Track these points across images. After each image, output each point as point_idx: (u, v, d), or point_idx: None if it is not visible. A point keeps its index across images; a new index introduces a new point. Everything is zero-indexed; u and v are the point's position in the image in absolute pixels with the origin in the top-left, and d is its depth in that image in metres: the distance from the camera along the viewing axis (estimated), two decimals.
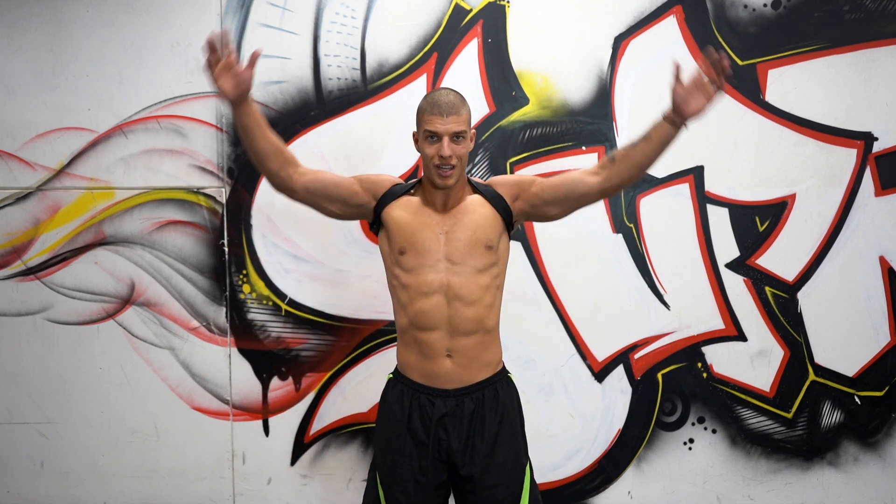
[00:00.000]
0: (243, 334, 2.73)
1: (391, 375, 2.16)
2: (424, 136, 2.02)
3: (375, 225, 2.14)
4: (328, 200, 2.11)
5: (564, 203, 2.11)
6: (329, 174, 2.16)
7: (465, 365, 2.05)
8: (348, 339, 2.73)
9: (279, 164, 2.06)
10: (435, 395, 2.05)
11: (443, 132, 1.97)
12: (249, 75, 1.97)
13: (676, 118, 1.99)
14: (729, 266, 2.71)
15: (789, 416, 2.74)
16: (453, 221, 2.07)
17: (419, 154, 2.06)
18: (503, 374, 2.13)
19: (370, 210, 2.12)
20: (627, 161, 2.04)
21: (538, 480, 2.27)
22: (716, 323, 2.72)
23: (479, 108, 2.64)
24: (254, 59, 1.98)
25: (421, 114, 2.03)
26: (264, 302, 2.72)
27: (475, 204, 2.09)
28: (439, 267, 2.04)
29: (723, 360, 2.73)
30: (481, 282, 2.05)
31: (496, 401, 2.07)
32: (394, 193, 2.11)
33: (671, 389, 2.74)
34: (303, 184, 2.09)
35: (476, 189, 2.12)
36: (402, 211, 2.08)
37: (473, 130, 2.10)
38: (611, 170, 2.06)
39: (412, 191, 2.12)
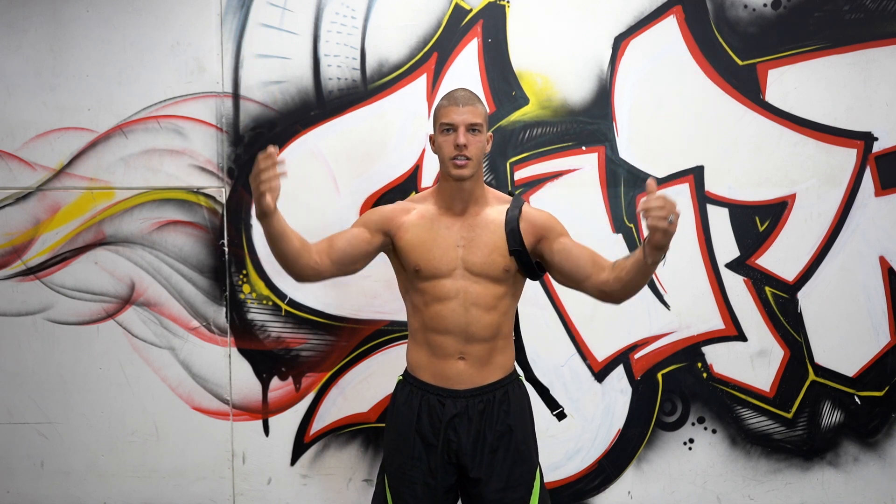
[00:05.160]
0: (243, 334, 2.73)
1: (401, 377, 2.15)
2: (440, 129, 1.99)
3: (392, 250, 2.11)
4: (353, 262, 2.07)
5: (565, 276, 2.05)
6: (339, 237, 2.08)
7: (477, 367, 2.04)
8: (348, 339, 2.72)
9: (308, 255, 1.98)
10: (445, 395, 2.03)
11: (459, 122, 1.96)
12: (279, 181, 1.85)
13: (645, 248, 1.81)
14: (729, 266, 2.71)
15: (789, 416, 2.74)
16: (472, 236, 2.03)
17: (436, 156, 2.03)
18: (514, 376, 2.12)
19: (389, 243, 2.09)
20: (616, 270, 1.94)
21: None
22: (716, 323, 2.72)
23: None
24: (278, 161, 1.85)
25: (437, 110, 2.02)
26: (264, 302, 2.72)
27: (496, 224, 2.04)
28: (456, 274, 2.02)
29: (723, 360, 2.73)
30: (498, 291, 2.04)
31: (507, 403, 2.06)
32: (401, 218, 2.07)
33: (671, 389, 2.74)
34: (328, 262, 2.02)
35: (500, 205, 2.07)
36: (416, 230, 2.04)
37: (490, 134, 2.08)
38: (611, 273, 1.96)
39: (427, 200, 2.09)
